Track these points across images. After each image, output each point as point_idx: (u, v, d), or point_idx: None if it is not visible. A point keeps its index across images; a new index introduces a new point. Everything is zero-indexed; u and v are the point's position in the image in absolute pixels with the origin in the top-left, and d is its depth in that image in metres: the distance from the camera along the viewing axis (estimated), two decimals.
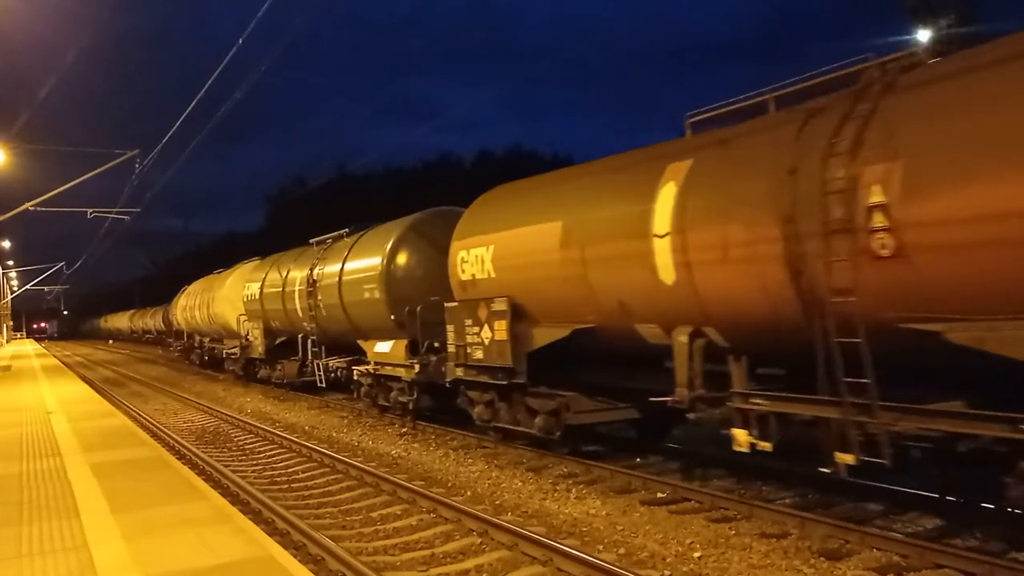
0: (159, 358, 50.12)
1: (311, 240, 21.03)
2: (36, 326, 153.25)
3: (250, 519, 7.38)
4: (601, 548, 7.74)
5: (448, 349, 12.98)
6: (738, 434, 8.07)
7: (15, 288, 79.78)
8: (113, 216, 36.26)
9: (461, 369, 12.64)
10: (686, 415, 8.85)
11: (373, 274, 15.85)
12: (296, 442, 14.35)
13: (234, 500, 9.71)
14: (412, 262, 15.40)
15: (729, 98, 8.80)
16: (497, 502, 9.78)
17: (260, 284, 23.59)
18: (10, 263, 71.54)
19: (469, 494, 10.25)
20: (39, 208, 29.89)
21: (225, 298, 28.20)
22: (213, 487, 9.24)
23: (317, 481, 11.68)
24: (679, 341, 8.70)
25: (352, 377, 18.11)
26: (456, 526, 8.71)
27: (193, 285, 37.28)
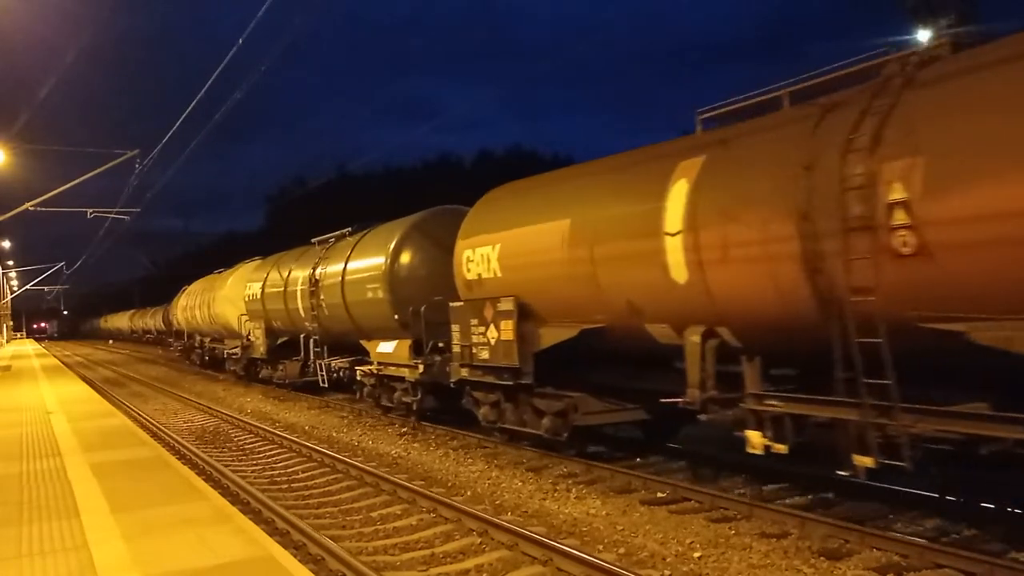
0: (159, 358, 50.12)
1: (313, 239, 20.88)
2: (36, 326, 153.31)
3: (250, 519, 7.37)
4: (601, 548, 7.73)
5: (453, 349, 12.88)
6: (752, 436, 7.91)
7: (15, 288, 79.84)
8: (113, 216, 36.30)
9: (466, 369, 12.53)
10: (698, 416, 8.69)
11: (376, 273, 15.77)
12: (296, 442, 14.35)
13: (234, 500, 9.70)
14: (416, 261, 15.33)
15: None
16: (497, 502, 9.77)
17: (262, 284, 23.51)
18: (10, 263, 71.67)
19: (469, 494, 10.24)
20: (39, 208, 29.92)
21: (226, 298, 28.10)
22: (213, 487, 9.23)
23: (317, 481, 11.67)
24: (691, 341, 8.54)
25: (355, 377, 18.01)
26: (456, 526, 8.70)
27: (193, 285, 37.21)
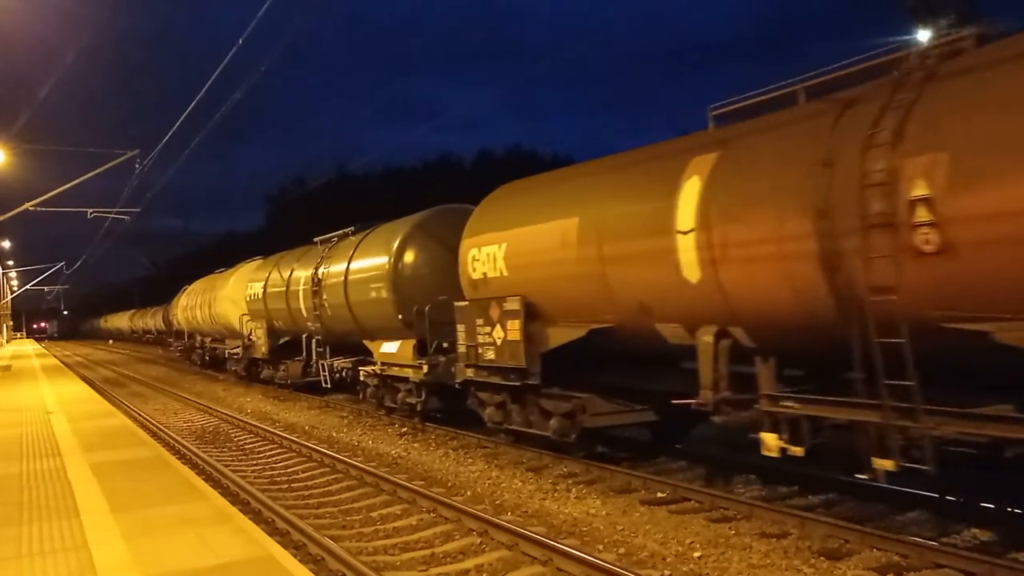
0: (159, 358, 50.12)
1: (316, 239, 20.75)
2: (36, 326, 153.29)
3: (250, 519, 7.37)
4: (601, 548, 7.74)
5: (458, 349, 12.74)
6: (767, 438, 7.75)
7: (15, 288, 79.83)
8: (113, 216, 36.24)
9: (472, 370, 12.40)
10: (711, 418, 8.53)
11: (380, 273, 15.64)
12: (296, 442, 14.35)
13: (234, 500, 9.71)
14: (420, 260, 15.21)
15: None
16: (497, 502, 9.78)
17: (263, 283, 23.41)
18: (10, 263, 71.62)
19: (469, 494, 10.25)
20: (39, 208, 29.88)
21: (227, 297, 28.01)
22: (213, 487, 9.24)
23: (317, 481, 11.68)
24: (704, 341, 8.38)
25: (358, 378, 17.89)
26: (456, 526, 8.71)
27: (194, 285, 37.17)
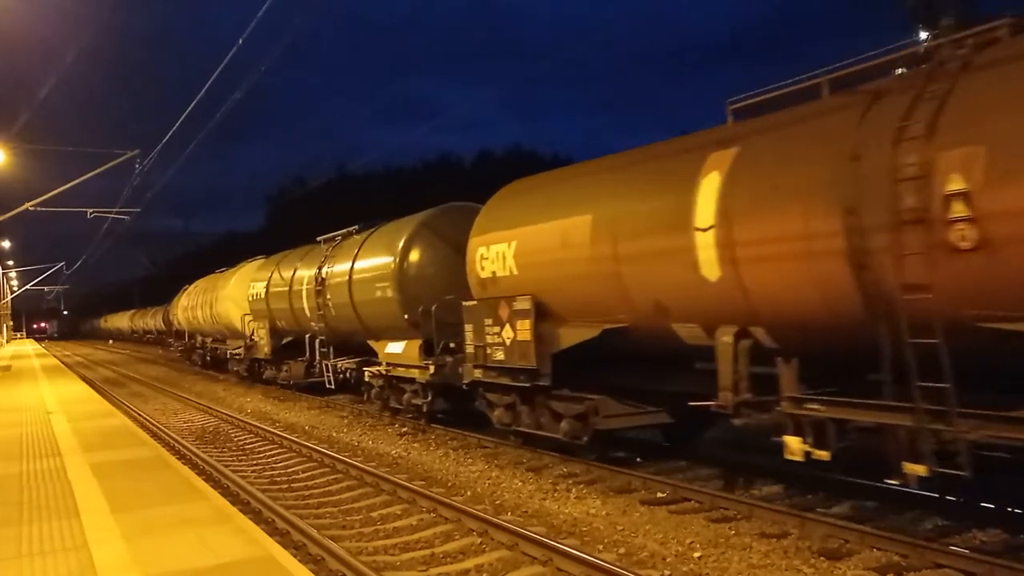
0: (159, 358, 50.13)
1: (319, 238, 20.59)
2: (36, 326, 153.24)
3: (250, 519, 7.38)
4: (601, 548, 7.74)
5: (466, 350, 12.55)
6: (791, 442, 7.51)
7: (15, 288, 79.85)
8: (113, 216, 36.31)
9: (480, 370, 12.21)
10: (731, 421, 8.31)
11: (385, 272, 15.49)
12: (296, 442, 14.35)
13: (234, 500, 9.71)
14: (425, 259, 15.06)
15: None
16: (497, 502, 9.78)
17: (266, 283, 23.26)
18: (10, 263, 71.64)
19: (469, 494, 10.25)
20: (39, 208, 29.92)
21: (229, 297, 27.87)
22: (213, 487, 9.24)
23: (317, 481, 11.68)
24: (723, 342, 8.16)
25: (362, 379, 17.74)
26: (456, 526, 8.71)
27: (195, 284, 37.06)
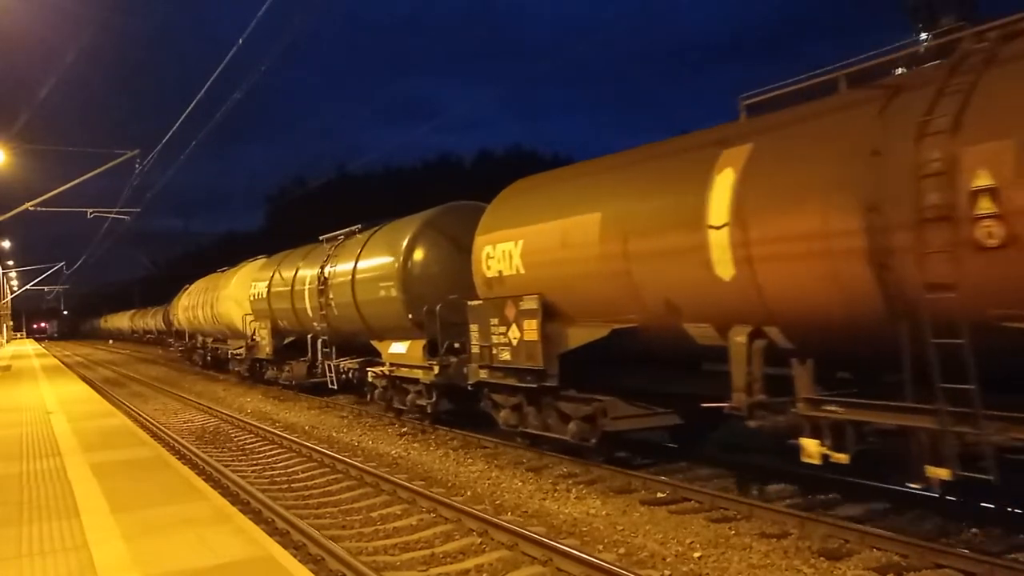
0: (159, 358, 50.14)
1: (321, 237, 20.47)
2: (36, 326, 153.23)
3: (250, 519, 7.38)
4: (601, 548, 7.73)
5: (471, 350, 12.41)
6: (808, 444, 7.38)
7: (15, 288, 79.84)
8: (113, 216, 36.35)
9: (485, 371, 12.07)
10: (746, 423, 8.17)
11: (389, 272, 15.37)
12: (296, 442, 14.35)
13: (234, 500, 9.71)
14: (430, 259, 14.95)
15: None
16: (497, 502, 9.78)
17: (268, 283, 23.11)
18: (10, 263, 71.64)
19: (469, 494, 10.25)
20: (39, 208, 29.96)
21: (230, 297, 27.74)
22: (213, 487, 9.25)
23: (317, 481, 11.68)
24: (736, 342, 8.03)
25: (365, 379, 17.62)
26: (456, 526, 8.71)
27: (195, 284, 36.99)
